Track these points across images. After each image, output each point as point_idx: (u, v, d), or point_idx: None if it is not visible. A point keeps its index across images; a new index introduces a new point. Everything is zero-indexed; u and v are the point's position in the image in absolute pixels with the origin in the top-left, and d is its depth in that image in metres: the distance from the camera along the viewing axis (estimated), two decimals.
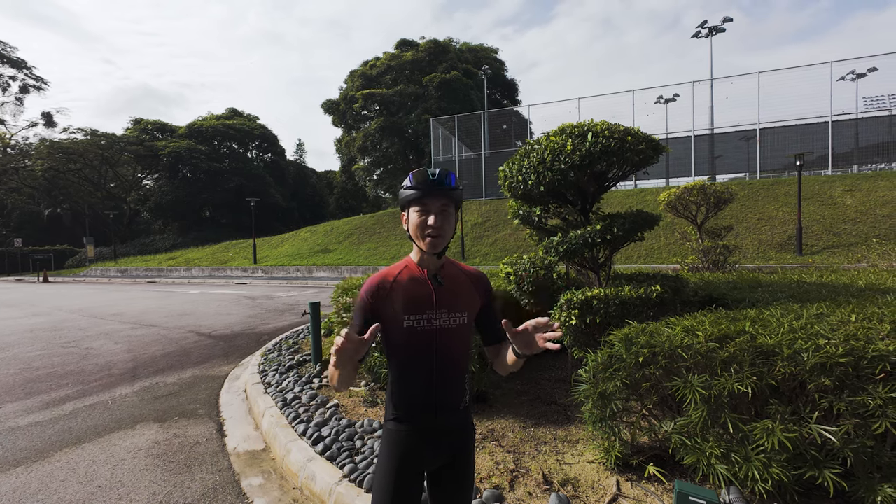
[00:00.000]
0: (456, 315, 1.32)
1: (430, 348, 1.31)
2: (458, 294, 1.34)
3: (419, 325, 1.29)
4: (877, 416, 1.87)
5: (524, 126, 35.73)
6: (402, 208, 1.34)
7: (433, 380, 1.32)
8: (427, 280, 1.32)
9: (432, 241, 1.24)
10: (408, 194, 1.26)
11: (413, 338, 1.29)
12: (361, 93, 36.81)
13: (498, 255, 17.54)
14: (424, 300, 1.30)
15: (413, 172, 1.27)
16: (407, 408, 1.33)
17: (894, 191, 14.57)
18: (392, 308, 1.29)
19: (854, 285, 3.64)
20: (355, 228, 23.89)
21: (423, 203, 1.24)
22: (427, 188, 1.23)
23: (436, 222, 1.22)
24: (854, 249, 12.04)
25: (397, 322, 1.29)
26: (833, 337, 2.08)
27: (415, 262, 1.35)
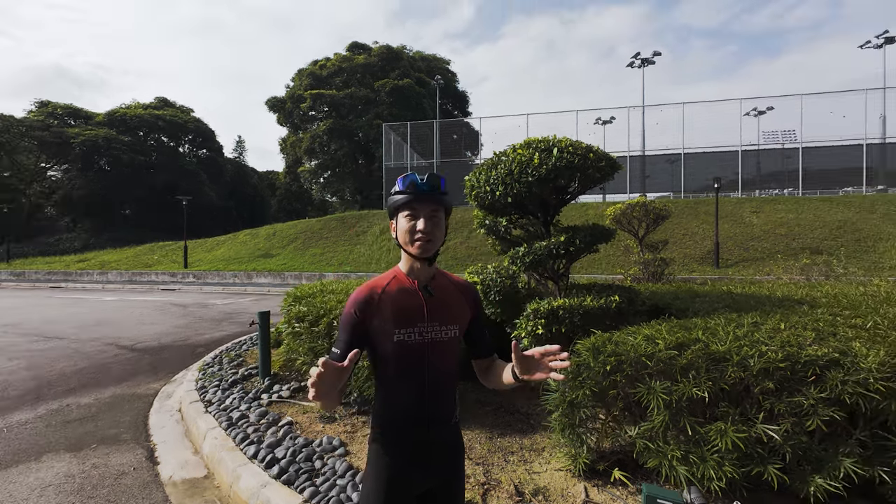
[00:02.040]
0: (447, 328, 1.28)
1: (421, 362, 1.26)
2: (449, 306, 1.30)
3: (410, 339, 1.23)
4: (809, 415, 2.10)
5: (474, 137, 36.60)
6: (391, 216, 1.29)
7: (425, 394, 1.27)
8: (418, 291, 1.26)
9: (422, 245, 1.19)
10: (396, 199, 1.22)
11: (404, 352, 1.23)
12: (310, 92, 35.57)
13: (449, 263, 17.67)
14: (415, 312, 1.24)
15: (402, 177, 1.22)
16: (397, 425, 1.27)
17: (789, 213, 16.87)
18: (381, 322, 1.22)
19: (774, 296, 4.12)
20: (300, 233, 22.82)
21: (413, 208, 1.19)
22: (416, 193, 1.19)
23: (425, 227, 1.18)
24: (761, 263, 13.72)
25: (387, 336, 1.23)
26: (771, 343, 2.31)
27: (404, 273, 1.29)
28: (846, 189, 21.64)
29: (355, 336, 1.22)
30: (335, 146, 36.47)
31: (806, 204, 17.45)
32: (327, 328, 3.84)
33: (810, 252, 14.04)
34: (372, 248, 19.81)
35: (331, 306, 3.99)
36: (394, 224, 1.28)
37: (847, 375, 2.08)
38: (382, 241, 20.05)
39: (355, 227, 21.85)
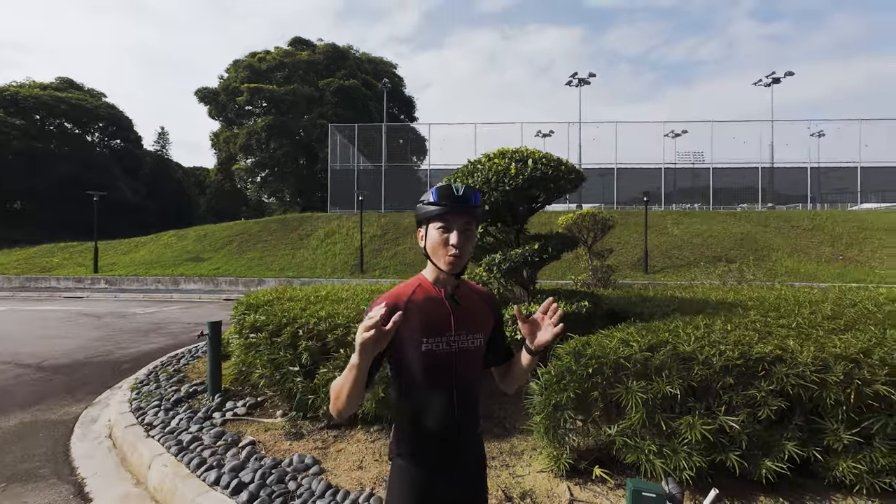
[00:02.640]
0: (474, 336, 1.28)
1: (449, 371, 1.25)
2: (475, 314, 1.30)
3: (438, 348, 1.21)
4: (761, 406, 2.38)
5: (421, 143, 36.78)
6: (420, 224, 1.26)
7: (454, 404, 1.25)
8: (444, 300, 1.25)
9: (453, 260, 1.17)
10: (429, 210, 1.19)
11: (432, 361, 1.21)
12: (248, 86, 33.43)
13: (398, 268, 17.48)
14: (443, 321, 1.23)
15: (437, 187, 1.20)
16: (425, 437, 1.24)
17: (703, 225, 19.04)
18: (408, 331, 1.19)
19: (710, 300, 4.62)
20: (236, 235, 21.22)
21: (446, 220, 1.17)
22: (452, 205, 1.16)
23: (458, 241, 1.16)
24: (683, 270, 15.31)
25: (414, 345, 1.20)
26: (727, 343, 2.59)
27: (430, 281, 1.27)
28: (743, 205, 24.92)
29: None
30: (275, 144, 34.53)
31: (716, 218, 19.82)
32: (291, 338, 3.61)
33: (719, 260, 15.96)
34: (316, 252, 18.99)
35: (294, 315, 3.76)
36: (421, 232, 1.26)
37: (789, 369, 2.39)
38: (328, 246, 19.30)
39: (298, 229, 20.81)
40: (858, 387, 2.35)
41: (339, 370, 3.27)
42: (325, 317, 3.58)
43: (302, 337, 3.51)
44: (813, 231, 18.31)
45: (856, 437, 2.36)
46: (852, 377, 2.36)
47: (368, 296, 4.75)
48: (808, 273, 15.00)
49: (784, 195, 24.68)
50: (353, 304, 4.13)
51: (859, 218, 19.29)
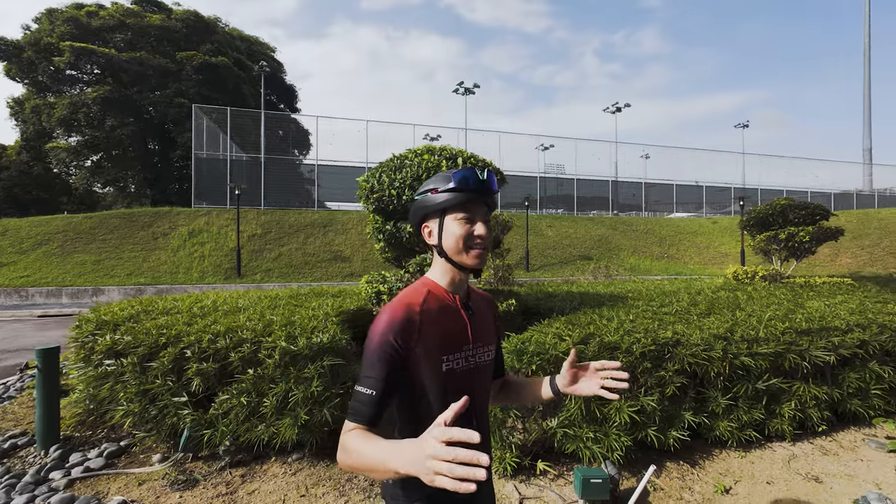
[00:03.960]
0: (487, 349, 1.15)
1: (469, 393, 1.08)
2: (486, 323, 1.17)
3: (458, 367, 1.05)
4: (668, 384, 2.74)
5: (304, 136, 34.26)
6: (427, 218, 1.08)
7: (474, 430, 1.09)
8: (460, 309, 1.09)
9: (480, 254, 1.02)
10: (447, 198, 1.01)
11: (452, 383, 1.04)
12: (71, 44, 26.51)
13: (283, 271, 15.88)
14: (461, 334, 1.07)
15: (457, 172, 1.03)
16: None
17: (570, 228, 21.90)
18: (425, 349, 1.00)
19: (601, 293, 5.25)
20: (56, 233, 16.53)
21: (469, 210, 1.01)
22: (476, 192, 1.01)
23: (486, 233, 1.02)
24: (557, 267, 17.33)
25: (433, 366, 1.01)
26: (637, 331, 2.92)
27: (442, 287, 1.08)
28: (594, 212, 29.51)
29: (394, 370, 0.96)
30: (113, 122, 28.07)
31: (580, 222, 23.02)
32: (173, 362, 2.88)
33: (585, 258, 18.54)
34: (179, 254, 16.01)
35: (177, 332, 3.02)
36: (429, 228, 1.07)
37: (686, 350, 2.81)
38: (193, 246, 16.45)
39: (152, 227, 17.24)
40: (731, 360, 2.88)
41: (247, 395, 2.73)
42: (223, 332, 2.95)
43: (192, 359, 2.83)
44: (646, 234, 22.66)
45: (729, 401, 2.89)
46: (727, 352, 2.89)
47: (270, 303, 4.11)
48: (645, 268, 18.49)
49: (625, 204, 30.00)
50: (254, 313, 3.51)
51: (675, 224, 24.58)
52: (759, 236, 7.11)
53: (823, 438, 3.12)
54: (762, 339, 3.05)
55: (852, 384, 3.23)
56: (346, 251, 17.56)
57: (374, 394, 0.92)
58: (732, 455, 2.88)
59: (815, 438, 3.11)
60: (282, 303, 4.17)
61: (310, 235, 18.14)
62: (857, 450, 2.99)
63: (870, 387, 3.26)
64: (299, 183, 26.21)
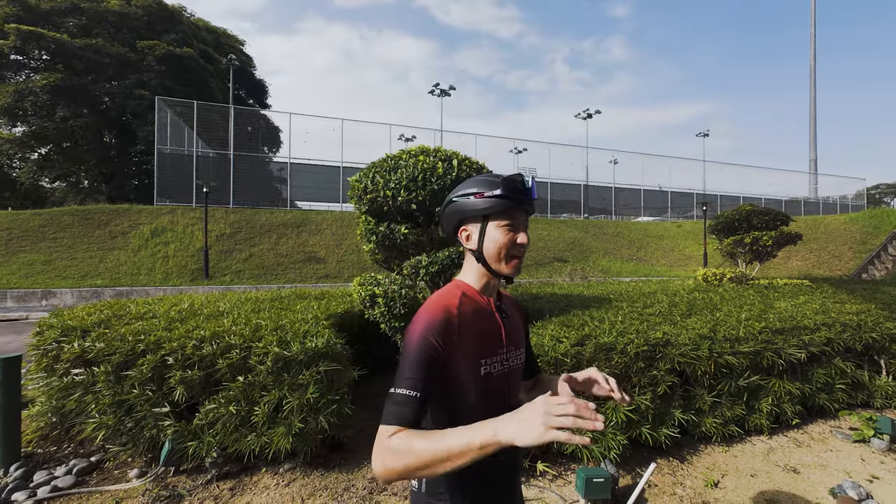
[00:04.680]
0: (519, 352, 1.15)
1: (505, 397, 1.10)
2: (517, 326, 1.18)
3: (495, 370, 1.05)
4: (659, 383, 2.83)
5: (274, 133, 33.27)
6: (466, 222, 1.06)
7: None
8: (494, 312, 1.08)
9: (518, 262, 1.04)
10: (492, 204, 1.00)
11: (490, 388, 1.04)
12: (17, 27, 24.57)
13: (254, 272, 15.31)
14: (496, 337, 1.07)
15: (506, 178, 1.02)
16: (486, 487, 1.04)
17: (544, 230, 22.35)
18: (464, 351, 0.99)
19: (585, 295, 5.36)
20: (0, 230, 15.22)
21: (513, 217, 1.01)
22: (520, 198, 1.01)
23: (527, 242, 1.03)
24: (533, 269, 17.61)
25: (472, 369, 1.01)
26: (629, 333, 3.00)
27: (476, 290, 1.08)
28: (566, 215, 30.28)
29: (436, 372, 0.94)
30: (65, 112, 26.22)
31: (554, 224, 23.53)
32: (153, 370, 2.71)
33: (559, 260, 18.96)
34: (140, 254, 15.10)
35: (156, 338, 2.84)
36: (468, 231, 1.06)
37: (676, 350, 2.91)
38: (156, 246, 15.57)
39: (110, 225, 16.17)
40: (716, 358, 3.01)
41: (235, 403, 2.59)
42: (208, 337, 2.80)
43: (174, 366, 2.66)
44: (616, 237, 23.46)
45: (714, 398, 3.02)
46: (712, 351, 3.01)
47: (252, 306, 3.93)
48: (616, 270, 19.12)
49: (595, 208, 30.95)
50: (239, 316, 3.35)
51: (643, 228, 25.59)
52: (727, 240, 7.50)
53: (796, 431, 3.31)
54: (742, 339, 3.21)
55: (820, 379, 3.45)
56: (321, 252, 17.15)
57: (417, 395, 0.88)
58: (717, 450, 3.01)
59: (790, 431, 3.30)
60: (266, 306, 4.00)
61: (282, 236, 17.59)
62: (827, 441, 3.20)
63: (835, 382, 3.50)
64: (270, 181, 25.42)
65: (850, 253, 18.87)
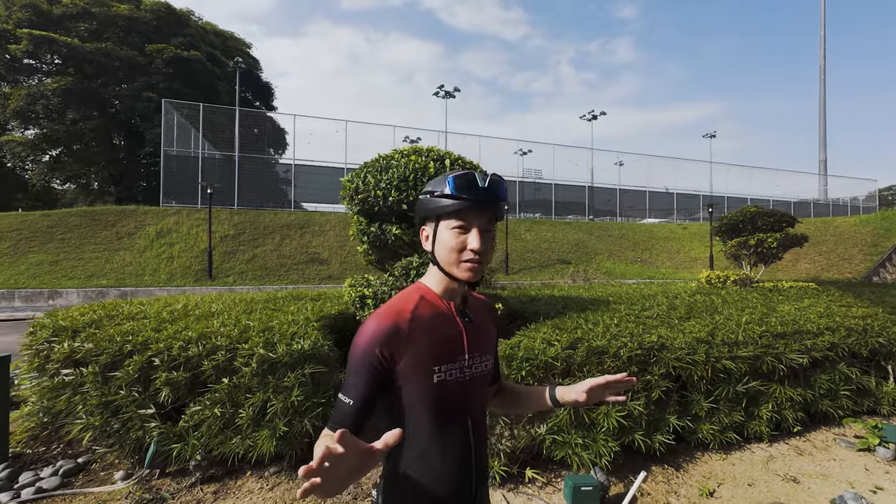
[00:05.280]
0: (485, 358, 1.08)
1: (464, 407, 1.03)
2: (484, 331, 1.10)
3: (452, 378, 0.98)
4: (654, 388, 2.76)
5: (280, 135, 33.49)
6: (426, 220, 1.01)
7: (470, 447, 1.03)
8: (455, 316, 1.02)
9: (473, 267, 0.94)
10: (443, 204, 0.93)
11: (445, 395, 0.97)
12: (30, 31, 25.03)
13: (257, 273, 15.38)
14: (456, 343, 1.00)
15: (455, 175, 0.94)
16: (439, 497, 0.98)
17: (548, 232, 22.22)
18: (414, 358, 0.94)
19: (584, 297, 5.28)
20: (9, 231, 15.45)
21: (465, 219, 0.93)
22: (474, 199, 0.92)
23: (480, 246, 0.93)
24: (536, 271, 17.51)
25: (424, 377, 0.95)
26: (623, 336, 2.93)
27: (436, 293, 1.02)
28: (571, 216, 30.09)
29: (377, 382, 0.90)
30: (75, 115, 26.64)
31: (558, 226, 23.39)
32: (140, 371, 2.69)
33: (563, 262, 18.82)
34: (145, 255, 15.25)
35: (144, 338, 2.82)
36: (426, 231, 1.00)
37: (671, 354, 2.83)
38: (162, 247, 15.72)
39: (116, 226, 16.36)
40: (713, 363, 2.93)
41: (221, 405, 2.57)
42: (195, 338, 2.77)
43: (160, 367, 2.64)
44: (621, 239, 23.25)
45: (711, 404, 2.94)
46: (709, 356, 2.93)
47: (245, 307, 3.91)
48: (621, 272, 18.94)
49: (600, 210, 30.72)
50: (229, 318, 3.33)
51: (648, 230, 25.34)
52: (731, 242, 7.37)
53: (798, 439, 3.21)
54: (741, 343, 3.12)
55: (823, 385, 3.35)
56: (324, 253, 17.20)
57: (352, 403, 0.87)
58: (714, 457, 2.92)
59: (791, 439, 3.20)
60: (259, 307, 3.98)
61: (286, 237, 17.67)
62: (830, 449, 3.10)
63: (839, 388, 3.39)
64: (275, 183, 25.56)
65: (860, 255, 18.52)
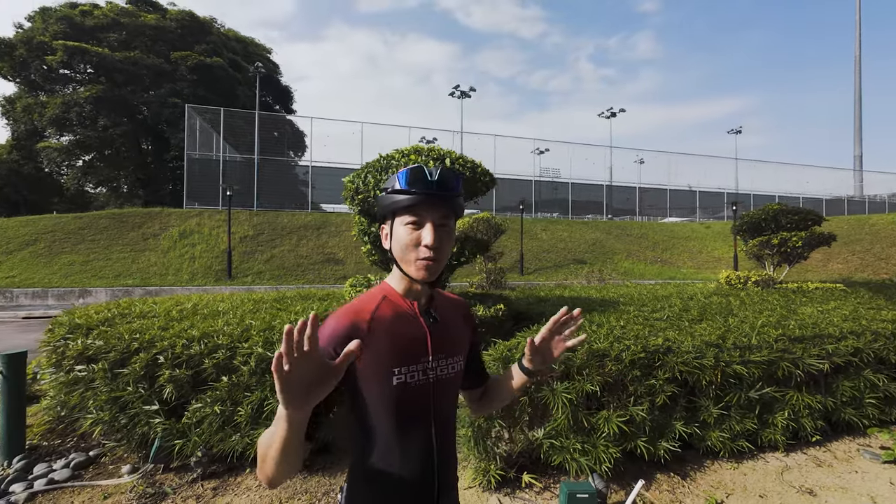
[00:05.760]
0: (453, 360, 1.04)
1: (427, 410, 0.99)
2: (453, 332, 1.06)
3: (413, 380, 0.95)
4: (658, 393, 2.66)
5: (299, 137, 34.08)
6: (384, 219, 0.98)
7: (433, 451, 1.00)
8: (418, 317, 0.99)
9: (427, 265, 0.91)
10: (395, 200, 0.90)
11: (405, 398, 0.94)
12: (65, 43, 26.28)
13: (275, 273, 15.70)
14: (418, 345, 0.97)
15: (407, 170, 0.90)
16: (398, 501, 0.96)
17: (564, 232, 21.89)
18: (373, 360, 0.91)
19: (593, 297, 5.17)
20: (44, 233, 16.27)
21: (417, 214, 0.90)
22: (424, 193, 0.89)
23: (433, 241, 0.89)
24: (552, 271, 17.27)
25: (382, 379, 0.93)
26: (630, 339, 2.84)
27: (398, 293, 0.99)
28: (589, 216, 29.55)
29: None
30: (106, 121, 27.82)
31: (574, 225, 23.02)
32: (145, 368, 2.76)
33: (579, 262, 18.51)
34: (169, 255, 15.79)
35: (150, 336, 2.90)
36: (386, 229, 0.97)
37: (677, 358, 2.72)
38: (184, 247, 16.24)
39: (142, 227, 17.00)
40: (723, 368, 2.80)
41: (221, 403, 2.61)
42: (198, 337, 2.83)
43: (164, 365, 2.71)
44: (641, 238, 22.70)
45: (721, 410, 2.81)
46: (719, 360, 2.81)
47: (252, 306, 3.99)
48: (639, 272, 18.49)
49: (619, 209, 30.07)
50: (234, 317, 3.39)
51: (668, 229, 24.65)
52: (752, 241, 7.08)
53: (817, 449, 3.04)
54: (755, 347, 2.98)
55: (846, 393, 3.16)
56: (340, 253, 17.42)
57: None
58: (724, 466, 2.80)
59: (809, 449, 3.03)
60: (265, 306, 4.05)
61: (303, 237, 17.98)
62: (852, 461, 2.92)
63: (864, 395, 3.19)
64: (294, 184, 26.06)
65: None
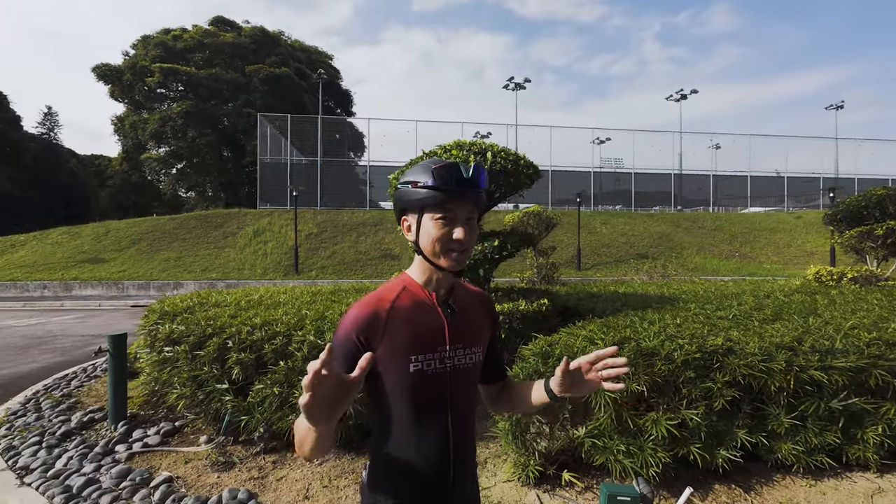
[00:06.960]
0: (471, 351, 1.05)
1: (443, 398, 1.01)
2: (472, 323, 1.08)
3: (430, 368, 0.98)
4: (716, 397, 2.45)
5: (358, 138, 35.58)
6: (406, 212, 1.01)
7: (449, 439, 1.02)
8: (437, 307, 1.01)
9: (458, 257, 0.95)
10: (424, 196, 0.93)
11: (422, 385, 0.97)
12: (160, 66, 29.85)
13: (337, 268, 16.65)
14: (436, 334, 0.99)
15: (436, 167, 0.93)
16: (413, 485, 0.99)
17: (626, 225, 20.66)
18: (392, 347, 0.95)
19: (650, 294, 4.85)
20: (146, 233, 18.76)
21: (448, 209, 0.93)
22: (457, 189, 0.92)
23: (465, 236, 0.93)
24: (611, 266, 16.44)
25: (400, 365, 0.96)
26: (684, 338, 2.64)
27: (419, 284, 1.02)
28: (656, 207, 27.52)
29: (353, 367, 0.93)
30: (194, 133, 31.25)
31: (637, 218, 21.64)
32: (218, 351, 3.10)
33: (642, 257, 17.38)
34: (245, 252, 17.42)
35: (221, 323, 3.24)
36: (408, 222, 1.01)
37: (740, 360, 2.49)
38: (258, 244, 17.81)
39: (223, 227, 18.94)
40: (797, 373, 2.51)
41: (279, 385, 2.86)
42: (260, 324, 3.12)
43: (232, 349, 3.02)
44: (715, 231, 20.74)
45: (794, 420, 2.52)
46: (791, 364, 2.51)
47: (310, 298, 4.30)
48: (713, 268, 16.92)
49: (690, 199, 27.70)
50: (292, 308, 3.68)
51: (749, 220, 22.24)
52: (849, 232, 6.17)
53: None
54: (839, 351, 2.62)
55: None
56: (396, 249, 18.01)
57: None
58: (799, 482, 2.51)
59: None
60: (321, 298, 4.34)
61: (361, 234, 18.85)
62: None
63: None
64: (353, 184, 27.34)
65: None
